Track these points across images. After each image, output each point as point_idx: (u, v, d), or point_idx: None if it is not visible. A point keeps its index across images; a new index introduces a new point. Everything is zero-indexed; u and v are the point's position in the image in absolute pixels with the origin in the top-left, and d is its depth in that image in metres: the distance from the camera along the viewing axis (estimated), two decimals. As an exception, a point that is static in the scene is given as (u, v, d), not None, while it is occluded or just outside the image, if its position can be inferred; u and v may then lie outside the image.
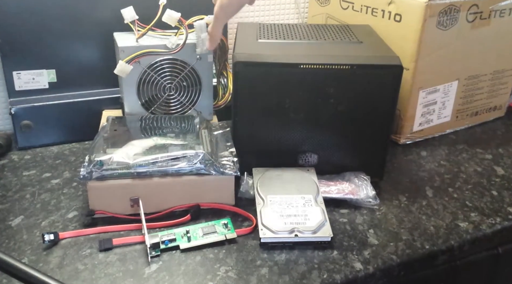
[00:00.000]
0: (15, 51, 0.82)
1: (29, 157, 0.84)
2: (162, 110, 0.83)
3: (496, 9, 0.89)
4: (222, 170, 0.68)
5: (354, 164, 0.76)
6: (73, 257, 0.61)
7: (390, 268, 0.62)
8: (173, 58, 0.79)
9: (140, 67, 0.78)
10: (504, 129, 1.00)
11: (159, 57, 0.78)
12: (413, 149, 0.91)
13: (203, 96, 0.84)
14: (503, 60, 0.97)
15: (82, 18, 0.84)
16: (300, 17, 1.14)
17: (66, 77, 0.87)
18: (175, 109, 0.83)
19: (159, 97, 0.81)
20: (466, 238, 0.67)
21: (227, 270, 0.60)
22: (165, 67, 0.79)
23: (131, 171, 0.66)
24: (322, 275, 0.59)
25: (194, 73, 0.82)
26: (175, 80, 0.81)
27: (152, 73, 0.79)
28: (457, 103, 0.95)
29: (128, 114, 0.81)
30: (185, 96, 0.83)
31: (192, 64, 0.80)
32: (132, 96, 0.80)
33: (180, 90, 0.82)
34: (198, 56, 0.80)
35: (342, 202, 0.73)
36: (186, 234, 0.64)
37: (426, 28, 0.82)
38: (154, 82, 0.80)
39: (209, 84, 0.84)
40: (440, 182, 0.80)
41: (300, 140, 0.75)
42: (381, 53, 0.75)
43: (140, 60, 0.77)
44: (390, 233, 0.67)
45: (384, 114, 0.73)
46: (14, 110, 0.84)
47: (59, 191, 0.75)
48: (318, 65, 0.69)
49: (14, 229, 0.66)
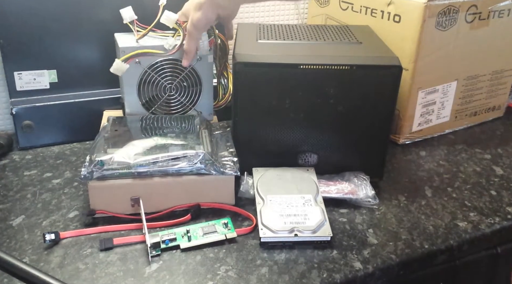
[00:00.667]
0: (17, 51, 0.83)
1: (30, 157, 0.85)
2: (163, 110, 0.83)
3: (495, 10, 0.89)
4: (222, 170, 0.68)
5: (353, 163, 0.76)
6: (74, 257, 0.61)
7: (390, 268, 0.62)
8: (174, 58, 0.79)
9: (141, 67, 0.78)
10: (503, 129, 1.00)
11: (158, 58, 0.78)
12: (412, 149, 0.91)
13: (204, 97, 0.84)
14: (502, 61, 0.97)
15: (83, 19, 0.84)
16: (299, 17, 1.14)
17: (67, 78, 0.87)
18: (175, 109, 0.83)
19: (159, 98, 0.82)
20: (465, 237, 0.67)
21: (227, 269, 0.60)
22: (165, 67, 0.79)
23: (132, 171, 0.66)
24: (322, 274, 0.59)
25: (194, 73, 0.82)
26: (176, 80, 0.81)
27: (152, 73, 0.79)
28: (456, 104, 0.95)
29: (128, 115, 0.82)
30: (185, 97, 0.83)
31: (192, 65, 0.81)
32: (132, 96, 0.80)
33: (180, 90, 0.82)
34: (199, 56, 0.80)
35: (341, 201, 0.73)
36: (187, 234, 0.64)
37: (425, 28, 0.82)
38: (154, 82, 0.80)
39: (209, 85, 0.84)
40: (439, 181, 0.81)
41: (300, 140, 0.75)
42: (380, 54, 0.75)
43: (141, 61, 0.77)
44: (389, 232, 0.67)
45: (383, 115, 0.73)
46: (15, 110, 0.84)
47: (60, 191, 0.75)
48: (318, 66, 0.69)
49: (15, 228, 0.66)
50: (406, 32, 0.84)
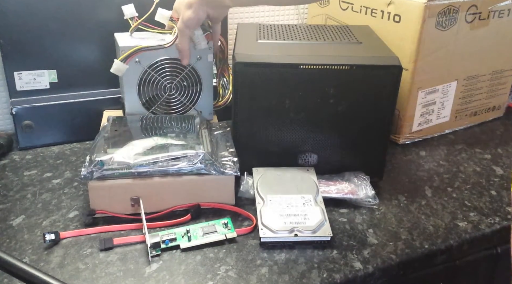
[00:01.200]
0: (16, 51, 0.83)
1: (30, 157, 0.85)
2: (163, 110, 0.83)
3: (495, 10, 0.89)
4: (222, 170, 0.68)
5: (353, 163, 0.76)
6: (74, 257, 0.61)
7: (389, 268, 0.62)
8: (174, 57, 0.79)
9: (141, 67, 0.78)
10: (503, 129, 1.00)
11: (158, 57, 0.78)
12: (412, 149, 0.91)
13: (204, 96, 0.84)
14: (502, 61, 0.97)
15: (83, 19, 0.84)
16: (299, 17, 1.14)
17: (67, 78, 0.87)
18: (175, 109, 0.83)
19: (159, 97, 0.82)
20: (465, 237, 0.67)
21: (227, 269, 0.60)
22: (165, 67, 0.80)
23: (132, 171, 0.66)
24: (322, 274, 0.59)
25: (194, 73, 0.82)
26: (176, 80, 0.81)
27: (152, 73, 0.79)
28: (456, 104, 0.95)
29: (128, 114, 0.82)
30: (185, 96, 0.83)
31: (192, 64, 0.81)
32: (132, 96, 0.80)
33: (180, 90, 0.82)
34: (198, 56, 0.80)
35: (341, 201, 0.73)
36: (187, 234, 0.64)
37: (425, 28, 0.82)
38: (154, 82, 0.80)
39: (209, 84, 0.84)
40: (439, 181, 0.81)
41: (300, 140, 0.75)
42: (380, 54, 0.75)
43: (141, 60, 0.77)
44: (389, 232, 0.67)
45: (383, 115, 0.73)
46: (15, 110, 0.84)
47: (60, 191, 0.75)
48: (318, 66, 0.70)
49: (15, 228, 0.66)
50: (406, 32, 0.84)
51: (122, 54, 0.76)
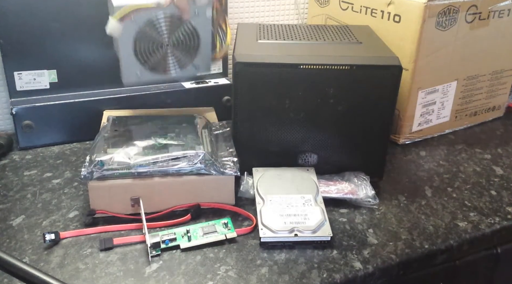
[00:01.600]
0: (16, 51, 0.83)
1: (30, 157, 0.85)
2: (161, 68, 0.79)
3: (495, 10, 0.89)
4: (222, 170, 0.68)
5: (353, 163, 0.76)
6: (74, 257, 0.61)
7: (389, 268, 0.62)
8: (170, 13, 0.76)
9: (136, 25, 0.74)
10: (503, 129, 1.00)
11: (153, 13, 0.74)
12: (412, 149, 0.91)
13: (201, 51, 0.81)
14: (502, 61, 0.97)
15: (83, 19, 0.84)
16: (299, 17, 1.14)
17: (67, 78, 0.87)
18: (173, 65, 0.80)
19: (156, 54, 0.78)
20: (465, 237, 0.67)
21: (227, 269, 0.60)
22: (162, 23, 0.76)
23: (132, 171, 0.66)
24: (322, 274, 0.59)
25: (191, 28, 0.79)
26: (173, 36, 0.78)
27: (148, 29, 0.75)
28: (456, 104, 0.95)
29: (127, 85, 0.78)
30: (182, 52, 0.80)
31: (189, 19, 0.77)
32: (129, 58, 0.76)
33: (177, 46, 0.79)
34: (196, 11, 0.77)
35: (341, 201, 0.73)
36: (187, 234, 0.64)
37: (425, 28, 0.82)
38: (150, 39, 0.76)
39: (207, 39, 0.81)
40: (439, 181, 0.81)
41: (300, 140, 0.75)
42: (380, 54, 0.75)
43: (136, 19, 0.74)
44: (389, 232, 0.67)
45: (383, 115, 0.73)
46: (15, 110, 0.84)
47: (60, 191, 0.75)
48: (318, 66, 0.70)
49: (15, 228, 0.66)
50: (406, 32, 0.84)
51: (116, 12, 0.72)
